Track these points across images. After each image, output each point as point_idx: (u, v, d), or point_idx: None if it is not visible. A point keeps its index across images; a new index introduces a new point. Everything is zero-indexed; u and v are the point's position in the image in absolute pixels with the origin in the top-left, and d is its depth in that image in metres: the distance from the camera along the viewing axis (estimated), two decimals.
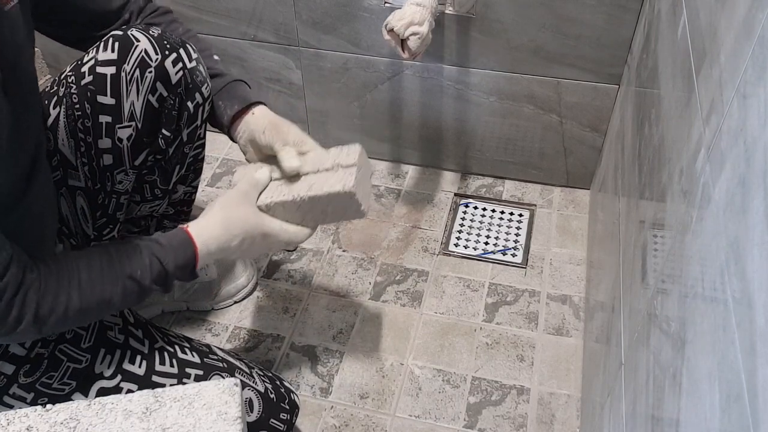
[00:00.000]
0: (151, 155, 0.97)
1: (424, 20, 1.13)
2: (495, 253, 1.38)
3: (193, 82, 0.95)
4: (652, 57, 0.98)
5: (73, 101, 0.90)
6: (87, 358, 0.87)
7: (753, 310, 0.42)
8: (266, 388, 0.99)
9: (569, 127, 1.41)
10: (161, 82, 0.92)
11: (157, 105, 0.93)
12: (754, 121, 0.47)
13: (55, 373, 0.85)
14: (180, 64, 0.93)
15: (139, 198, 1.04)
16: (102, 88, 0.89)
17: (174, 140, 0.98)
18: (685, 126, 0.68)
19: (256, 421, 0.97)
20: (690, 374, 0.54)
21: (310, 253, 1.38)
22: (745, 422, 0.41)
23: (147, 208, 1.07)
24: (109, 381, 0.88)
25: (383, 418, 1.12)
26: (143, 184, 1.02)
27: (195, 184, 1.11)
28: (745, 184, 0.47)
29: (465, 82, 1.39)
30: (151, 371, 0.91)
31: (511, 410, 1.12)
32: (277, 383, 1.02)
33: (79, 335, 0.88)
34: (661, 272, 0.70)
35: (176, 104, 0.95)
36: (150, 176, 1.02)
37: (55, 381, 0.85)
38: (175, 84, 0.93)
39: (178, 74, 0.93)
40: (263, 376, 1.01)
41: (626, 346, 0.81)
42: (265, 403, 0.98)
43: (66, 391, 0.85)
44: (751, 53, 0.50)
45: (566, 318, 1.26)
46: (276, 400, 1.00)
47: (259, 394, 0.98)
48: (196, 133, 1.00)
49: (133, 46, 0.89)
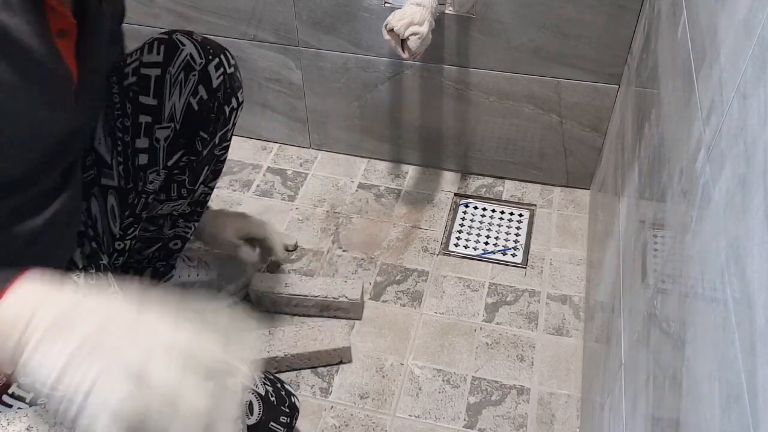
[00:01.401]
0: (185, 156, 1.00)
1: (424, 20, 1.12)
2: (495, 253, 1.38)
3: (231, 87, 0.99)
4: (652, 57, 0.98)
5: (114, 101, 0.92)
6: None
7: (753, 310, 0.42)
8: (267, 391, 0.99)
9: (569, 127, 1.41)
10: (203, 85, 0.96)
11: (197, 107, 0.96)
12: (754, 121, 0.47)
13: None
14: (221, 69, 0.97)
15: (164, 197, 1.06)
16: (146, 88, 0.92)
17: (208, 143, 1.01)
18: (685, 126, 0.68)
19: (256, 424, 0.97)
20: (690, 374, 0.54)
21: (310, 253, 1.38)
22: (745, 422, 0.41)
23: (169, 207, 1.08)
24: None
25: (383, 418, 1.12)
26: (171, 183, 1.04)
27: (212, 185, 1.13)
28: (745, 184, 0.47)
29: (465, 82, 1.38)
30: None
31: (511, 410, 1.12)
32: (278, 386, 1.02)
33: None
34: (661, 272, 0.70)
35: (215, 107, 0.98)
36: (180, 176, 1.04)
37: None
38: (215, 88, 0.97)
39: (218, 78, 0.97)
40: (264, 380, 1.01)
41: (626, 346, 0.81)
42: (265, 406, 0.98)
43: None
44: (751, 53, 0.50)
45: (566, 318, 1.26)
46: (276, 403, 1.00)
47: (259, 396, 0.98)
48: (227, 135, 1.04)
49: (178, 49, 0.92)
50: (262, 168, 1.56)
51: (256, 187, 1.53)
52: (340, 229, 1.43)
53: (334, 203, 1.48)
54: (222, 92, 0.98)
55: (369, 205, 1.48)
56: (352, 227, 1.43)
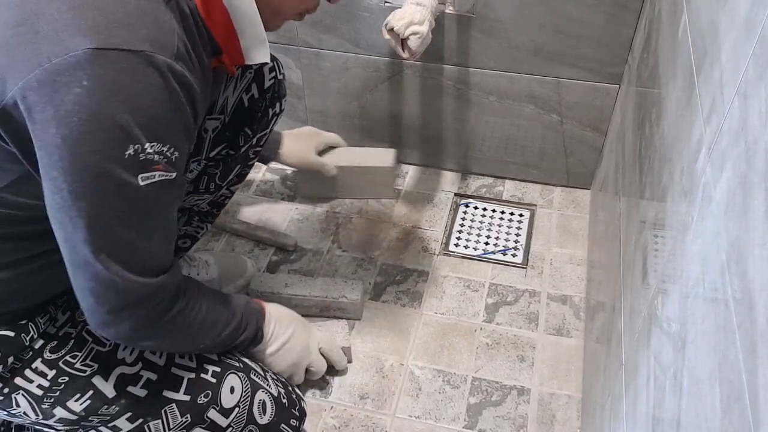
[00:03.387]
0: (225, 149, 1.05)
1: (424, 20, 1.12)
2: (495, 253, 1.38)
3: (278, 92, 1.07)
4: (652, 56, 0.98)
5: None
6: (110, 343, 0.89)
7: (754, 311, 0.42)
8: (279, 393, 1.00)
9: (570, 127, 1.41)
10: (256, 84, 1.02)
11: (247, 104, 1.03)
12: (755, 120, 0.47)
13: (79, 353, 0.86)
14: (274, 73, 1.05)
15: (191, 188, 1.07)
16: None
17: (250, 139, 1.07)
18: (686, 126, 0.68)
19: (268, 423, 0.97)
20: (691, 374, 0.54)
21: (310, 253, 1.38)
22: (745, 422, 0.41)
23: (193, 199, 1.10)
24: (130, 368, 0.89)
25: (383, 418, 1.11)
26: (203, 175, 1.07)
27: (234, 189, 1.15)
28: (746, 184, 0.47)
29: (465, 82, 1.38)
30: (171, 363, 0.92)
31: (512, 411, 1.12)
32: (288, 389, 1.03)
33: None
34: (661, 272, 0.70)
35: (262, 107, 1.05)
36: (213, 170, 1.07)
37: (78, 361, 0.86)
38: (266, 89, 1.04)
39: (270, 80, 1.05)
40: (276, 381, 1.02)
41: (627, 347, 0.81)
42: (277, 407, 0.99)
43: (87, 372, 0.86)
44: (752, 53, 0.50)
45: (567, 318, 1.26)
46: (287, 406, 1.01)
47: (272, 397, 0.98)
48: (262, 139, 1.09)
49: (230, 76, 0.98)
50: (262, 168, 1.56)
51: (256, 187, 1.53)
52: (340, 229, 1.43)
53: (334, 203, 1.48)
54: (270, 95, 1.05)
55: (369, 205, 1.48)
56: (352, 227, 1.43)
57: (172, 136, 0.71)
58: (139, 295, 0.76)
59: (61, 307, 0.87)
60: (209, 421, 0.93)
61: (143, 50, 0.65)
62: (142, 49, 0.65)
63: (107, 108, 0.64)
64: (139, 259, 0.75)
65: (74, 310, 0.88)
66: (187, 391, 0.91)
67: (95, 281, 0.72)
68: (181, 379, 0.92)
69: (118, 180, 0.67)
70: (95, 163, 0.66)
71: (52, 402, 0.84)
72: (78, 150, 0.65)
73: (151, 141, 0.68)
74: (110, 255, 0.71)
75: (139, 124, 0.66)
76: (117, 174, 0.67)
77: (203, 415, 0.92)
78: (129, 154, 0.67)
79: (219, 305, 0.92)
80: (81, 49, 0.63)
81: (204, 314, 0.88)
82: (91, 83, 0.63)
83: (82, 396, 0.85)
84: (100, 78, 0.63)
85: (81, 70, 0.63)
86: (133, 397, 0.88)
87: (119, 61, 0.64)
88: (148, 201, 0.71)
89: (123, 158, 0.67)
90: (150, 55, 0.66)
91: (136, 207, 0.71)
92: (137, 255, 0.74)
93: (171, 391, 0.91)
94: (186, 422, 0.91)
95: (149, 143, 0.68)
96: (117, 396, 0.87)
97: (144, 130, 0.67)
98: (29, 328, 0.82)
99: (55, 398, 0.84)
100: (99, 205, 0.68)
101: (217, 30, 0.77)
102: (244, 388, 0.96)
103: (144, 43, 0.65)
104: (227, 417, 0.94)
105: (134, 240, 0.73)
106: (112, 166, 0.66)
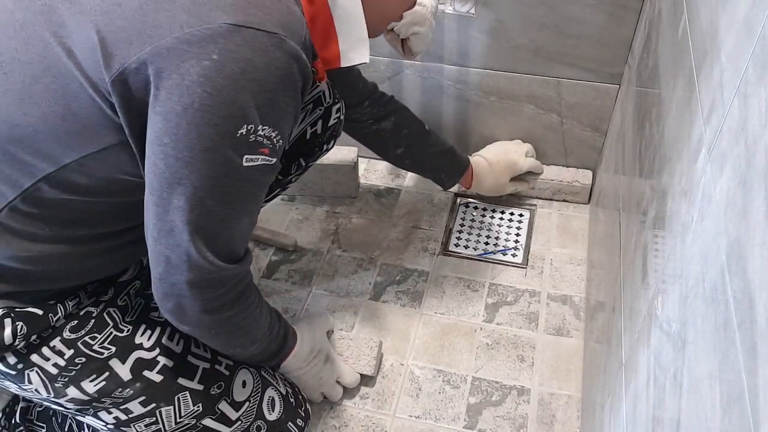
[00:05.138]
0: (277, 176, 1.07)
1: (424, 20, 1.12)
2: (495, 253, 1.38)
3: (335, 132, 1.08)
4: (652, 56, 0.98)
5: None
6: (129, 329, 0.90)
7: (754, 311, 0.42)
8: (287, 392, 1.01)
9: (570, 127, 1.40)
10: (323, 120, 1.04)
11: (308, 137, 1.05)
12: (755, 120, 0.47)
13: (98, 335, 0.87)
14: (338, 114, 1.06)
15: None
16: None
17: (301, 170, 1.09)
18: (686, 126, 0.68)
19: (276, 420, 0.98)
20: (691, 374, 0.54)
21: (310, 254, 1.38)
22: (745, 423, 0.41)
23: None
24: (148, 353, 0.89)
25: (383, 418, 1.12)
26: None
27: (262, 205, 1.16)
28: (746, 184, 0.47)
29: (465, 82, 1.38)
30: (188, 351, 0.93)
31: (512, 411, 1.12)
32: (296, 389, 1.04)
33: (128, 307, 0.91)
34: (661, 272, 0.70)
35: (319, 143, 1.07)
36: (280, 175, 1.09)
37: (96, 343, 0.86)
38: (329, 126, 1.06)
39: (334, 120, 1.06)
40: (285, 380, 1.03)
41: (627, 347, 0.81)
42: (285, 406, 0.99)
43: (105, 355, 0.86)
44: (752, 53, 0.50)
45: (567, 318, 1.26)
46: (295, 406, 1.01)
47: (281, 395, 0.99)
48: (309, 168, 1.12)
49: (316, 85, 1.00)
50: None
51: None
52: (340, 229, 1.43)
53: (334, 203, 1.48)
54: (329, 132, 1.06)
55: (369, 205, 1.48)
56: (352, 227, 1.43)
57: (283, 123, 0.72)
58: (211, 276, 0.77)
59: (89, 293, 0.88)
60: (219, 413, 0.93)
61: (277, 33, 0.66)
62: (276, 32, 0.66)
63: (233, 85, 0.65)
64: (221, 240, 0.76)
65: (99, 296, 0.89)
66: (201, 381, 0.92)
67: (174, 251, 0.74)
68: (196, 368, 0.92)
69: (226, 156, 0.69)
70: (209, 136, 0.67)
71: (66, 381, 0.84)
72: (196, 121, 0.66)
73: (264, 124, 0.69)
74: (197, 229, 0.73)
75: (258, 106, 0.67)
76: (225, 150, 0.68)
77: (215, 406, 0.92)
78: (241, 133, 0.68)
79: (271, 318, 0.95)
80: (218, 23, 0.63)
81: (261, 319, 0.91)
82: (222, 57, 0.64)
83: (97, 377, 0.85)
84: (232, 54, 0.64)
85: (213, 43, 0.63)
86: (149, 382, 0.88)
87: (253, 40, 0.65)
88: (246, 182, 0.73)
89: (235, 136, 0.68)
90: (282, 39, 0.66)
91: (235, 186, 0.73)
92: (222, 235, 0.76)
93: (186, 379, 0.91)
94: (197, 411, 0.91)
95: (262, 126, 0.69)
96: (132, 380, 0.87)
97: (261, 112, 0.68)
98: (57, 309, 0.83)
99: (70, 378, 0.84)
100: (201, 177, 0.70)
101: (316, 33, 0.77)
102: (255, 383, 0.96)
103: (278, 27, 0.66)
104: (237, 410, 0.94)
105: (224, 218, 0.74)
106: (224, 141, 0.68)
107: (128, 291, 0.93)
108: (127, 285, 0.93)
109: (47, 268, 0.80)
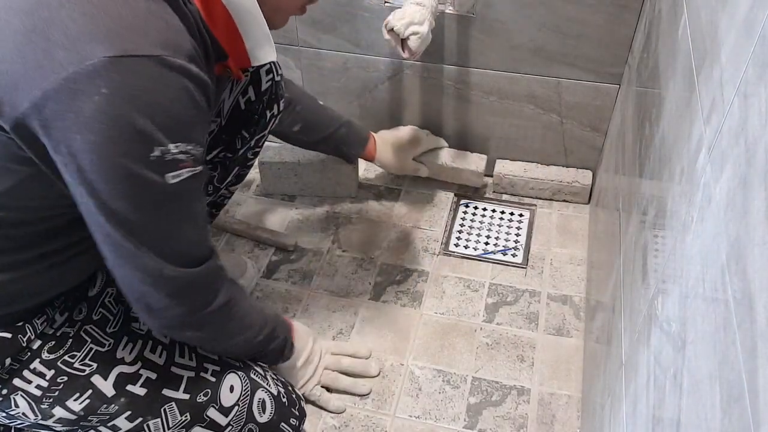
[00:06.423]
0: (222, 152, 1.05)
1: (424, 20, 1.12)
2: (495, 253, 1.38)
3: (276, 94, 1.05)
4: (652, 56, 0.98)
5: None
6: (110, 343, 0.89)
7: (754, 311, 0.42)
8: (279, 392, 1.00)
9: (570, 127, 1.41)
10: (253, 86, 1.02)
11: (243, 107, 1.03)
12: (755, 120, 0.47)
13: (78, 353, 0.86)
14: (271, 75, 1.03)
15: None
16: None
17: (247, 142, 1.06)
18: (686, 126, 0.68)
19: (268, 422, 0.97)
20: (691, 374, 0.54)
21: (310, 253, 1.38)
22: (745, 423, 0.41)
23: None
24: (129, 367, 0.89)
25: (383, 418, 1.11)
26: None
27: (233, 190, 1.16)
28: (746, 184, 0.47)
29: (465, 82, 1.38)
30: (171, 362, 0.93)
31: (512, 411, 1.12)
32: (289, 388, 1.04)
33: (107, 319, 0.90)
34: (661, 272, 0.70)
35: (259, 109, 1.04)
36: (211, 172, 1.07)
37: (76, 361, 0.86)
38: (263, 91, 1.03)
39: (267, 83, 1.03)
40: (276, 380, 1.02)
41: (627, 347, 0.81)
42: (277, 406, 0.99)
43: (86, 372, 0.86)
44: (752, 52, 0.50)
45: (567, 318, 1.26)
46: (287, 405, 1.01)
47: (272, 396, 0.99)
48: (260, 141, 1.09)
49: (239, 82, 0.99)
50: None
51: (256, 187, 1.53)
52: (340, 229, 1.43)
53: (334, 203, 1.48)
54: (267, 96, 1.04)
55: (369, 205, 1.48)
56: (352, 227, 1.43)
57: (195, 133, 0.72)
58: (183, 284, 0.79)
59: (59, 308, 0.87)
60: (209, 420, 0.93)
61: (158, 54, 0.66)
62: (157, 54, 0.66)
63: (127, 115, 0.65)
64: (177, 250, 0.78)
65: (72, 311, 0.88)
66: (186, 390, 0.91)
67: (142, 271, 0.76)
68: (180, 378, 0.92)
69: (147, 179, 0.69)
70: (123, 165, 0.67)
71: (51, 402, 0.84)
72: (106, 153, 0.66)
73: (175, 142, 0.69)
74: (151, 248, 0.74)
75: (161, 128, 0.67)
76: (146, 175, 0.68)
77: (203, 413, 0.92)
78: (155, 156, 0.68)
79: (257, 310, 0.96)
80: (97, 57, 0.63)
81: (243, 314, 0.91)
82: (110, 91, 0.64)
83: (81, 395, 0.85)
84: (118, 85, 0.64)
85: (99, 78, 0.63)
86: (133, 396, 0.88)
87: (135, 67, 0.65)
88: (177, 195, 0.73)
89: (149, 161, 0.68)
90: (164, 58, 0.66)
91: (168, 201, 0.73)
92: (176, 246, 0.77)
93: (170, 390, 0.91)
94: (185, 421, 0.91)
95: (173, 144, 0.69)
96: (116, 395, 0.87)
97: (166, 133, 0.68)
98: (26, 329, 0.82)
99: (54, 398, 0.84)
100: (133, 204, 0.70)
101: (220, 33, 0.77)
102: (243, 386, 0.96)
103: (157, 47, 0.66)
104: (227, 415, 0.94)
105: (169, 232, 0.76)
106: (140, 168, 0.68)
107: (103, 301, 0.91)
108: (98, 297, 0.91)
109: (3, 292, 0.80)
